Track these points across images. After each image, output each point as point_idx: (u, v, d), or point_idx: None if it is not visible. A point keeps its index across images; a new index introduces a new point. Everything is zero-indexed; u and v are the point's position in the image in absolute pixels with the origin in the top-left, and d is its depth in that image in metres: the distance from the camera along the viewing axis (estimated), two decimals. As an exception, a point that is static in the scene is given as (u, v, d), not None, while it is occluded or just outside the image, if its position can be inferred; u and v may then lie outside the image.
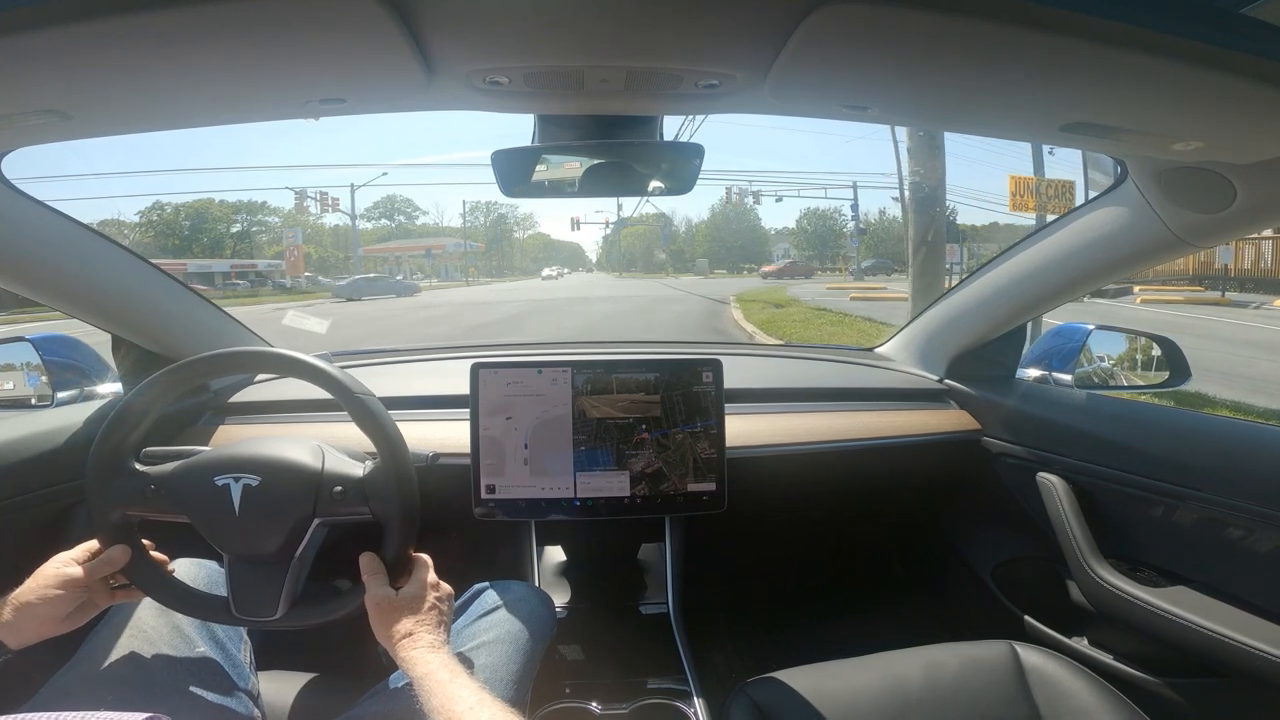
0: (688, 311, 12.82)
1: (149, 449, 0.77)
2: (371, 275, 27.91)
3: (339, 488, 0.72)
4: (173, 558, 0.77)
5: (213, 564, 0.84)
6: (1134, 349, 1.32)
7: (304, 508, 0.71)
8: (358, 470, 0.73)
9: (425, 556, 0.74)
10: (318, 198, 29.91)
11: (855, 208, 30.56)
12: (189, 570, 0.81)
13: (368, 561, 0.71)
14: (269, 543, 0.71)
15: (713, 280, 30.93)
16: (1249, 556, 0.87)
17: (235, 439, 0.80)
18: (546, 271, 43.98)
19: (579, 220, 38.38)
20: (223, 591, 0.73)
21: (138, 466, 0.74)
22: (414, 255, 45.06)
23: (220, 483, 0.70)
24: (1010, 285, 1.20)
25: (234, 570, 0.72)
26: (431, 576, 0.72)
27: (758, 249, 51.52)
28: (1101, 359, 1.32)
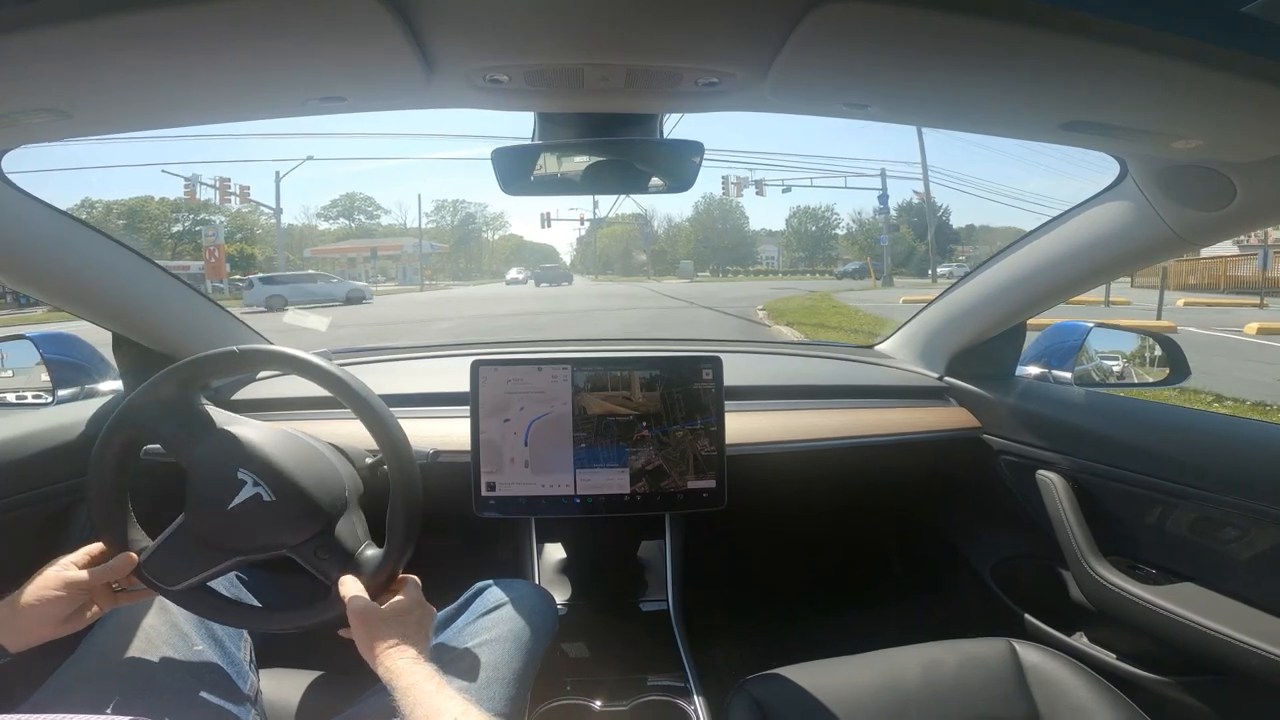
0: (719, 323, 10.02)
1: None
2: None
3: (327, 553, 0.70)
4: (141, 505, 0.75)
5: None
6: (1134, 347, 1.32)
7: (286, 539, 0.70)
8: (357, 546, 0.72)
9: (414, 577, 0.73)
10: (216, 184, 24.02)
11: (884, 199, 26.81)
12: None
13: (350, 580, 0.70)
14: (231, 541, 0.70)
15: (698, 285, 27.87)
16: (1248, 555, 0.87)
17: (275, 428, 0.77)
18: (511, 275, 40.40)
19: (550, 216, 35.89)
20: (170, 560, 0.71)
21: (201, 399, 0.75)
22: (367, 257, 42.68)
23: (240, 477, 0.69)
24: (1010, 283, 1.20)
25: (178, 532, 0.71)
26: (418, 595, 0.71)
27: (744, 250, 49.79)
28: (1101, 356, 1.32)
